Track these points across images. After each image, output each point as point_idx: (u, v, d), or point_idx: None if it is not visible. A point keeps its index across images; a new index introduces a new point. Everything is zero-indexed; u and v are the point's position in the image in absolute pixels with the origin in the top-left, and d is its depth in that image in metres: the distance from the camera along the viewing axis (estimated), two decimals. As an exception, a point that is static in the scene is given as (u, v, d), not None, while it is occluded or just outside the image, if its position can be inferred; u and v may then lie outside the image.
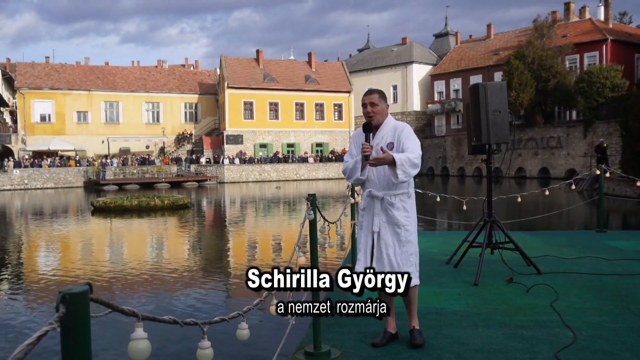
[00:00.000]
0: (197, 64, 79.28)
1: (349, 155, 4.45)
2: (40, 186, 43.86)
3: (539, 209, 20.03)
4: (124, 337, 6.33)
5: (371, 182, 4.26)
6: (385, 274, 3.81)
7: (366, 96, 4.32)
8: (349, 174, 4.36)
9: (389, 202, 4.19)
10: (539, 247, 8.57)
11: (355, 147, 4.40)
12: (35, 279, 10.43)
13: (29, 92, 50.00)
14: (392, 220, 4.19)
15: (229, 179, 48.65)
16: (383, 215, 4.22)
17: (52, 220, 21.83)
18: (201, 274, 10.57)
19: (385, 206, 4.21)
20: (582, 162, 42.05)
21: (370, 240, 4.26)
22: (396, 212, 4.19)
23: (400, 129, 4.28)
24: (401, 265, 4.11)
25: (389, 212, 4.19)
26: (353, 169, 4.30)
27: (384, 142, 4.23)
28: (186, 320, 1.93)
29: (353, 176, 4.31)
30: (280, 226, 19.10)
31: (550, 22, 50.83)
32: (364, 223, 4.33)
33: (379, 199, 4.21)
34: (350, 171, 4.33)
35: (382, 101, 4.30)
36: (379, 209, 4.22)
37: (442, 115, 59.40)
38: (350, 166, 4.34)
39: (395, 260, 4.14)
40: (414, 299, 4.37)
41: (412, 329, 4.38)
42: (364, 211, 4.33)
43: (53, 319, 1.32)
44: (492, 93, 6.65)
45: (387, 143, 4.23)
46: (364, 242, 4.29)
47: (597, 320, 4.85)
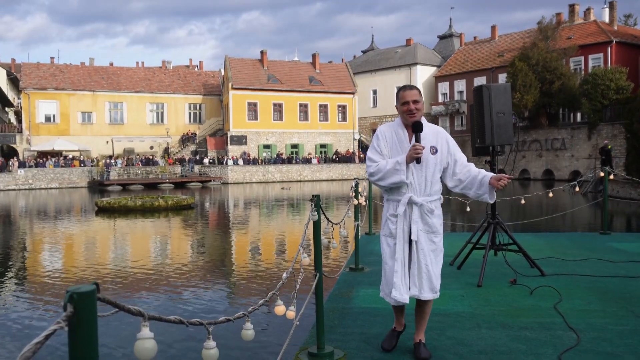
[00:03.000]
0: (202, 64, 79.41)
1: (376, 154, 4.06)
2: (44, 186, 43.96)
3: (543, 211, 20.00)
4: (129, 336, 6.36)
5: (411, 187, 3.94)
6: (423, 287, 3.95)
7: (406, 92, 4.04)
8: (382, 176, 3.94)
9: (428, 209, 3.95)
10: (542, 249, 8.56)
11: (386, 145, 4.07)
12: (40, 279, 10.46)
13: (34, 92, 50.15)
14: (429, 227, 3.96)
15: (232, 180, 48.69)
16: (421, 222, 3.95)
17: (56, 220, 21.88)
18: (205, 274, 10.58)
19: (424, 213, 3.95)
20: (586, 164, 41.96)
21: (407, 249, 3.97)
22: (434, 219, 3.97)
23: (443, 134, 4.09)
24: (438, 277, 3.98)
25: (428, 219, 3.95)
26: (392, 171, 3.89)
27: (426, 144, 3.95)
28: (192, 320, 1.94)
29: (389, 179, 3.92)
30: (284, 227, 19.11)
31: (554, 23, 50.76)
32: (397, 231, 3.97)
33: (417, 205, 3.92)
34: (387, 173, 3.92)
35: (421, 98, 4.08)
36: (417, 216, 3.94)
37: (446, 117, 59.34)
38: (387, 167, 3.92)
39: (433, 271, 3.94)
40: (429, 311, 4.17)
41: (418, 342, 4.16)
42: (397, 218, 3.97)
43: (61, 318, 1.34)
44: (496, 95, 6.66)
45: (429, 146, 3.97)
46: (401, 251, 3.95)
47: (601, 323, 4.84)
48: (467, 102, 55.52)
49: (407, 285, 3.93)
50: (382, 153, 4.04)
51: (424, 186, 3.94)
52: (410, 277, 3.94)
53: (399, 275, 3.92)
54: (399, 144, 4.01)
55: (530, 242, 9.07)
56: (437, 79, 61.35)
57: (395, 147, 4.02)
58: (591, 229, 15.46)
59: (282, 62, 59.58)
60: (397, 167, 3.86)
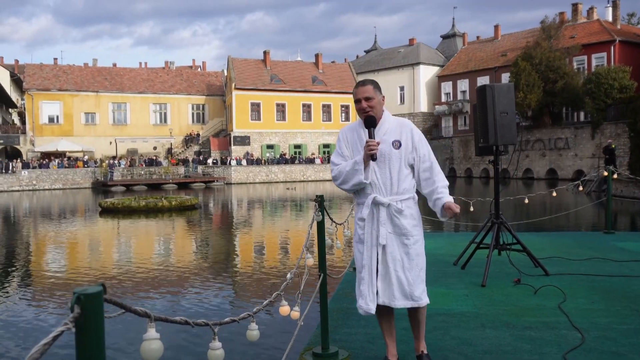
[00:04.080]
0: (205, 65, 79.42)
1: (338, 157, 3.80)
2: (48, 187, 44.05)
3: (547, 210, 19.97)
4: (134, 337, 6.37)
5: (375, 187, 3.65)
6: (394, 295, 3.61)
7: (358, 88, 3.75)
8: (344, 179, 3.68)
9: (396, 209, 3.60)
10: (546, 249, 8.55)
11: (347, 146, 3.80)
12: (45, 280, 10.49)
13: (37, 93, 50.26)
14: (399, 230, 3.61)
15: (236, 180, 48.73)
16: (389, 224, 3.62)
17: (60, 220, 21.92)
18: (209, 274, 10.60)
19: (391, 214, 3.61)
20: (589, 163, 41.89)
21: (375, 255, 3.64)
22: (404, 221, 3.62)
23: (408, 127, 3.73)
24: (412, 283, 3.59)
25: (396, 220, 3.61)
26: (351, 172, 3.61)
27: (388, 139, 3.65)
28: (197, 321, 1.95)
29: (350, 180, 3.63)
30: (287, 227, 19.12)
31: (557, 23, 50.65)
32: (365, 235, 3.68)
33: (384, 205, 3.60)
34: (347, 175, 3.64)
35: (377, 93, 3.71)
36: (385, 217, 3.62)
37: (449, 117, 59.30)
38: (346, 169, 3.65)
39: (405, 278, 3.58)
40: (423, 320, 3.85)
41: (420, 353, 3.88)
42: (365, 222, 3.68)
43: (68, 319, 1.34)
44: (499, 94, 6.65)
45: (392, 141, 3.65)
46: (368, 257, 3.66)
47: (605, 322, 4.84)
48: (470, 102, 55.46)
49: (374, 294, 3.62)
50: (344, 155, 3.78)
51: (389, 185, 3.64)
52: (380, 283, 3.63)
53: (365, 282, 3.65)
54: (359, 144, 3.71)
55: (534, 241, 9.05)
56: (440, 79, 61.30)
57: (356, 148, 3.74)
58: (595, 228, 15.44)
59: (285, 62, 59.60)
60: (355, 167, 3.59)
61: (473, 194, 31.33)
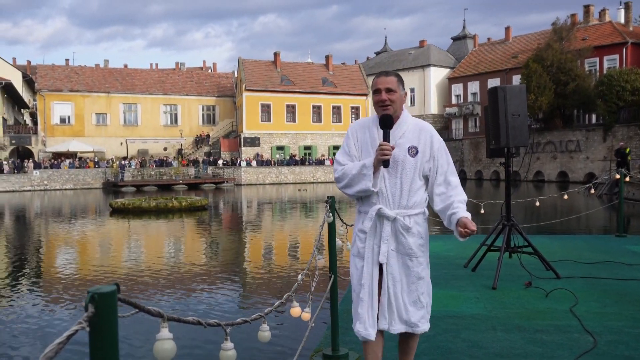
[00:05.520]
0: (215, 66, 79.62)
1: (344, 156, 3.32)
2: (59, 187, 44.31)
3: (558, 213, 19.86)
4: (146, 336, 6.39)
5: (382, 197, 3.18)
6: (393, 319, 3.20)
7: (380, 78, 3.26)
8: (348, 182, 3.20)
9: (403, 225, 3.15)
10: (557, 251, 8.51)
11: (356, 145, 3.31)
12: (57, 279, 10.54)
13: (49, 94, 50.60)
14: (403, 249, 3.17)
15: (245, 181, 48.82)
16: (392, 241, 3.17)
17: (71, 221, 22.04)
18: (220, 275, 10.61)
19: (397, 230, 3.17)
20: (601, 166, 41.64)
21: (376, 273, 3.20)
22: (411, 239, 3.17)
23: (428, 132, 3.25)
24: (409, 308, 3.18)
25: (402, 238, 3.16)
26: (358, 176, 3.14)
27: (404, 143, 3.18)
28: (210, 322, 1.95)
29: (355, 185, 3.16)
30: (298, 228, 19.12)
31: (569, 24, 50.41)
32: (366, 250, 3.21)
33: (390, 219, 3.15)
34: (353, 179, 3.17)
35: (400, 87, 3.26)
36: (389, 232, 3.16)
37: (460, 119, 59.13)
38: (352, 172, 3.18)
39: (403, 302, 3.17)
40: (414, 347, 3.41)
41: None
42: (366, 235, 3.22)
43: (82, 319, 1.35)
44: (511, 96, 6.63)
45: (408, 146, 3.18)
46: (369, 275, 3.19)
47: (618, 326, 4.81)
48: (480, 104, 55.31)
49: (374, 318, 3.18)
50: (351, 155, 3.29)
51: (398, 196, 3.17)
52: (380, 307, 3.19)
53: (364, 304, 3.18)
54: (371, 144, 3.23)
55: (545, 244, 9.01)
56: (450, 81, 61.15)
57: (366, 148, 3.24)
58: (606, 231, 15.34)
59: (295, 63, 59.65)
60: (363, 172, 3.11)
61: (484, 196, 31.22)
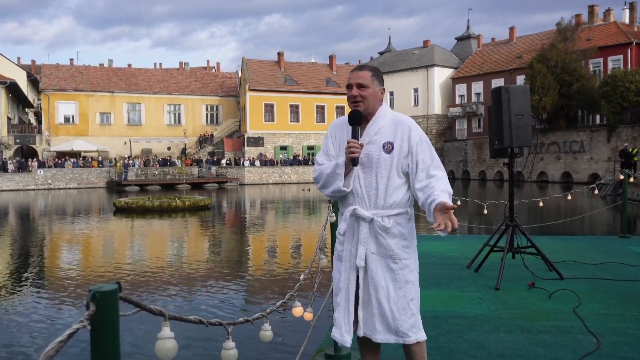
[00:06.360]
0: (219, 66, 79.77)
1: (323, 156, 3.14)
2: (63, 186, 44.39)
3: (562, 214, 19.83)
4: (148, 336, 6.39)
5: (356, 197, 2.99)
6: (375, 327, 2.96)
7: (352, 73, 3.04)
8: (323, 182, 3.03)
9: (380, 226, 2.94)
10: (561, 252, 8.49)
11: (334, 144, 3.13)
12: (60, 278, 10.56)
13: (53, 93, 50.72)
14: (384, 250, 2.95)
15: (249, 181, 48.85)
16: (372, 243, 2.96)
17: (75, 220, 22.08)
18: (223, 274, 10.62)
19: (375, 231, 2.96)
20: (605, 167, 41.55)
21: (354, 278, 3.00)
22: (391, 240, 2.94)
23: (405, 126, 2.99)
24: (397, 317, 2.91)
25: (381, 239, 2.94)
26: (332, 175, 2.97)
27: (379, 139, 2.98)
28: (211, 321, 1.95)
29: (330, 186, 3.00)
30: (301, 228, 19.12)
31: (574, 25, 50.29)
32: (344, 253, 3.05)
33: (366, 220, 2.95)
34: (327, 178, 3.00)
35: (375, 82, 3.00)
36: (366, 234, 2.96)
37: (464, 119, 59.06)
38: (327, 171, 3.01)
39: (389, 309, 2.92)
40: (421, 353, 3.04)
41: None
42: (345, 237, 3.06)
43: (83, 317, 1.35)
44: (515, 96, 6.61)
45: (383, 142, 2.97)
46: (345, 279, 3.02)
47: (621, 327, 4.79)
48: (484, 104, 55.21)
49: (350, 324, 2.99)
50: (329, 154, 3.12)
51: (374, 196, 2.96)
52: (361, 312, 3.00)
53: (340, 309, 3.02)
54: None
55: (548, 245, 8.99)
56: (454, 81, 61.06)
57: (343, 147, 3.01)
58: (610, 232, 15.30)
59: (299, 63, 59.67)
60: (337, 171, 2.94)
61: (487, 196, 31.18)
